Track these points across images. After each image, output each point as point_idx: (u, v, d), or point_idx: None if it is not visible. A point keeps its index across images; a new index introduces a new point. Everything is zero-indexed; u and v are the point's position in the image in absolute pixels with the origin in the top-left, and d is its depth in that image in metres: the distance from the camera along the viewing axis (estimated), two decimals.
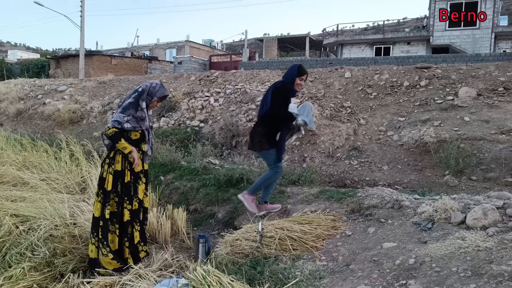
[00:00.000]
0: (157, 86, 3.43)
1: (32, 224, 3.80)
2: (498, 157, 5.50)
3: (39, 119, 11.90)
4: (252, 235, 3.34)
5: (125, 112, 3.32)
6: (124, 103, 3.40)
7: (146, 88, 3.41)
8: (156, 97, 3.42)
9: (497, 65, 8.37)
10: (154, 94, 3.40)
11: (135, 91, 3.45)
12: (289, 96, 3.96)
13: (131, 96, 3.41)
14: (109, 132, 3.26)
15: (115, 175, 3.33)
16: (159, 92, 3.42)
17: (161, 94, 3.43)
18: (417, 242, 2.68)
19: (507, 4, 54.32)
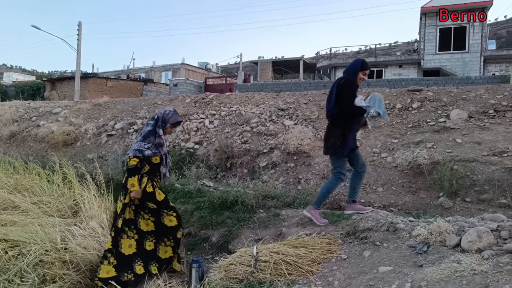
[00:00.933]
0: (170, 113, 3.72)
1: (22, 249, 3.71)
2: (491, 178, 5.53)
3: (32, 141, 11.83)
4: (246, 260, 3.29)
5: (145, 140, 3.60)
6: (143, 131, 3.67)
7: (160, 116, 3.70)
8: (170, 123, 3.70)
9: (487, 88, 8.55)
10: (167, 121, 3.68)
11: (152, 119, 3.74)
12: (355, 90, 3.93)
13: (149, 124, 3.70)
14: (130, 163, 3.51)
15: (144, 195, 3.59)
16: (172, 118, 3.70)
17: (174, 120, 3.72)
18: (413, 266, 2.66)
19: (494, 29, 56.08)
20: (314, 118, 8.83)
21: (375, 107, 3.84)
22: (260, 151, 7.78)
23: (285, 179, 6.92)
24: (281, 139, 7.68)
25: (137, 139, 3.67)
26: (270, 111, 9.48)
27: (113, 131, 10.72)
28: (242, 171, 7.57)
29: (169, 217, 3.72)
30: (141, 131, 3.74)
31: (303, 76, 32.15)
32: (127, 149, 9.30)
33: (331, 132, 4.01)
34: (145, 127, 3.73)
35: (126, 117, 11.54)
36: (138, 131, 10.28)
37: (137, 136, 3.75)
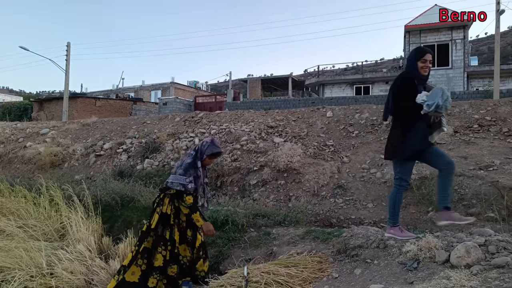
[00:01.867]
0: (206, 144, 3.63)
1: (6, 276, 3.62)
2: (478, 192, 5.61)
3: (19, 163, 11.63)
4: (237, 281, 3.24)
5: (186, 173, 3.54)
6: (183, 164, 3.61)
7: (199, 148, 3.66)
8: (206, 155, 3.61)
9: (471, 103, 8.76)
10: (204, 152, 3.61)
11: (193, 150, 3.71)
12: (412, 87, 3.35)
13: (189, 156, 3.65)
14: (188, 203, 3.49)
15: (161, 216, 3.57)
16: (208, 150, 3.61)
17: (210, 152, 3.62)
18: (404, 283, 2.66)
19: (476, 46, 57.81)
20: (304, 135, 8.90)
21: (430, 100, 3.16)
22: (250, 168, 7.78)
23: (275, 196, 6.91)
24: (271, 156, 7.71)
25: (178, 170, 3.59)
26: (260, 128, 9.53)
27: (102, 151, 10.62)
28: (233, 189, 7.54)
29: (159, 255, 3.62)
30: (182, 162, 3.68)
31: (292, 93, 32.49)
32: (116, 169, 9.21)
33: (391, 134, 3.61)
34: (186, 158, 3.68)
35: (115, 136, 11.47)
36: (127, 151, 10.21)
37: (178, 167, 3.66)
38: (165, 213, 3.58)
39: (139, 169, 9.11)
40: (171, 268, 3.56)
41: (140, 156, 9.75)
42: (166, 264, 3.54)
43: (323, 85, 25.20)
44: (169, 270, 3.55)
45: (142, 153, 9.80)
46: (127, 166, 9.40)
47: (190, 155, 3.66)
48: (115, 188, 6.98)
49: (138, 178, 8.19)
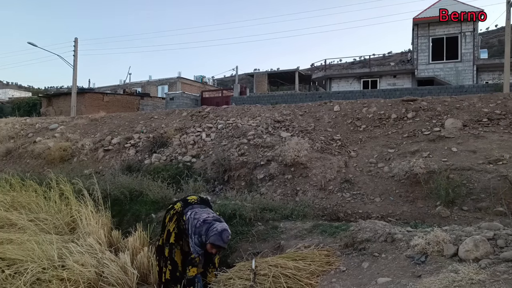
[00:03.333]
0: (214, 231, 3.42)
1: (19, 268, 3.69)
2: (487, 186, 5.56)
3: (29, 157, 11.79)
4: (245, 274, 3.28)
5: (202, 247, 3.52)
6: (200, 239, 3.49)
7: (207, 229, 3.46)
8: (208, 242, 3.42)
9: (480, 96, 8.66)
10: (208, 237, 3.42)
11: (204, 228, 3.52)
12: None
13: (200, 234, 3.51)
14: (190, 275, 3.48)
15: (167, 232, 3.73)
16: (212, 238, 3.39)
17: (212, 242, 3.40)
18: (412, 276, 2.66)
19: (486, 38, 56.94)
20: (311, 130, 8.89)
21: None
22: (257, 163, 7.79)
23: (282, 191, 6.93)
24: (278, 151, 7.71)
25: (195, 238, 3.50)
26: (267, 123, 9.53)
27: (110, 146, 10.72)
28: (240, 183, 7.57)
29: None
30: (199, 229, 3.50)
31: (298, 87, 32.38)
32: (124, 163, 9.30)
33: None
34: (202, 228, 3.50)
35: (123, 131, 11.55)
36: (135, 146, 10.29)
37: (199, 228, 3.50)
38: (169, 230, 3.69)
39: (147, 163, 9.18)
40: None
41: (148, 150, 9.82)
42: (167, 282, 3.65)
43: (330, 79, 25.05)
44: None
45: (149, 148, 9.87)
46: (135, 160, 9.48)
47: (202, 233, 3.46)
48: (123, 182, 7.06)
49: (146, 173, 8.26)
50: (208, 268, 3.73)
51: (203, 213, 3.63)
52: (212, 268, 3.73)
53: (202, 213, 3.62)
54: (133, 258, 4.15)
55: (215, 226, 3.43)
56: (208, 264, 3.73)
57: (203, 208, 3.76)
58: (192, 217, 3.56)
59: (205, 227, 3.45)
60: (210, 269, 3.72)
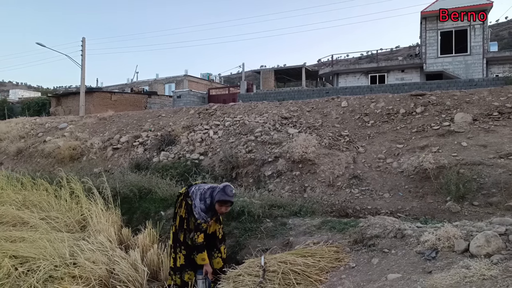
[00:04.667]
0: (217, 189, 3.57)
1: (31, 265, 3.75)
2: (498, 181, 5.49)
3: (39, 157, 11.94)
4: (254, 270, 3.29)
5: (207, 212, 3.59)
6: (206, 203, 3.59)
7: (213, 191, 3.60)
8: (215, 201, 3.53)
9: (490, 90, 8.54)
10: (214, 198, 3.54)
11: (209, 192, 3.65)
12: None
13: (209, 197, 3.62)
14: (199, 241, 3.52)
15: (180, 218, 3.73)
16: (217, 195, 3.53)
17: (218, 198, 3.52)
18: (422, 272, 2.65)
19: (496, 31, 56.06)
20: (318, 126, 8.85)
21: None
22: (265, 160, 7.79)
23: (290, 187, 6.92)
24: (286, 147, 7.70)
25: (200, 205, 3.59)
26: (274, 120, 9.51)
27: (119, 145, 10.80)
28: (248, 180, 7.58)
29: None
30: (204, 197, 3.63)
31: (305, 83, 32.24)
32: (132, 162, 9.37)
33: None
34: (207, 195, 3.63)
35: (131, 130, 11.63)
36: (143, 144, 10.35)
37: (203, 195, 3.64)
38: (181, 216, 3.68)
39: (155, 161, 9.24)
40: (187, 274, 3.64)
41: (156, 148, 9.88)
42: (183, 267, 3.63)
43: (337, 75, 24.89)
44: (185, 276, 3.63)
45: (158, 146, 9.92)
46: (144, 158, 9.54)
47: (207, 196, 3.60)
48: (132, 180, 7.12)
49: (154, 171, 8.31)
50: (212, 253, 3.74)
51: (207, 185, 3.80)
52: (217, 253, 3.75)
53: (205, 185, 3.79)
54: (143, 256, 4.19)
55: (218, 186, 3.62)
56: (213, 249, 3.74)
57: (206, 184, 3.90)
58: (196, 189, 3.70)
59: (209, 191, 3.63)
60: (214, 254, 3.74)
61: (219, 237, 3.77)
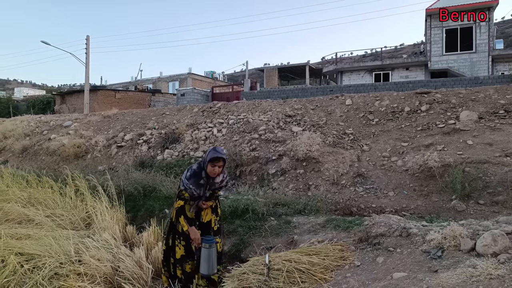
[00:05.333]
0: (208, 151, 3.54)
1: (37, 263, 3.76)
2: (504, 180, 5.45)
3: (44, 154, 12.01)
4: (259, 268, 3.28)
5: (190, 179, 3.51)
6: (191, 168, 3.58)
7: (204, 156, 3.56)
8: (207, 162, 3.46)
9: (496, 88, 8.47)
10: (206, 160, 3.49)
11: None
12: None
13: (196, 163, 3.65)
14: (175, 206, 3.53)
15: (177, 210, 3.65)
16: (208, 155, 3.47)
17: (209, 157, 3.45)
18: (428, 271, 2.63)
19: (501, 28, 55.59)
20: (322, 124, 8.83)
21: None
22: (269, 158, 7.78)
23: (295, 185, 6.91)
24: (290, 145, 7.69)
25: (186, 173, 3.58)
26: (278, 118, 9.50)
27: (123, 143, 10.83)
28: (252, 178, 7.58)
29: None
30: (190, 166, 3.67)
31: (309, 81, 32.16)
32: (136, 159, 9.40)
33: None
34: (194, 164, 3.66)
35: (135, 128, 11.66)
36: (147, 142, 10.38)
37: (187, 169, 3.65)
38: (177, 207, 3.63)
39: (160, 159, 9.26)
40: (188, 264, 3.62)
41: (160, 146, 9.90)
42: (183, 258, 3.62)
43: (341, 73, 24.80)
44: (186, 266, 3.61)
45: (162, 144, 9.94)
46: (148, 156, 9.57)
47: (193, 166, 3.61)
48: (137, 178, 7.14)
49: (158, 168, 8.33)
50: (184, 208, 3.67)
51: None
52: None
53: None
54: (148, 253, 4.20)
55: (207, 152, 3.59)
56: (208, 231, 3.68)
57: None
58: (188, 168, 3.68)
59: (198, 161, 3.65)
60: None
61: (214, 228, 3.74)
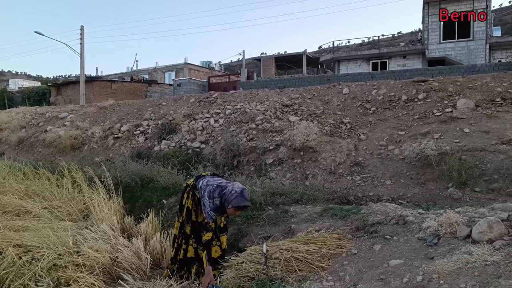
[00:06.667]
0: (235, 194, 3.24)
1: (35, 254, 3.77)
2: (500, 167, 5.48)
3: (40, 146, 11.95)
4: (257, 257, 3.31)
5: (216, 212, 3.36)
6: (215, 203, 3.34)
7: (226, 195, 3.29)
8: (231, 206, 3.24)
9: (493, 76, 8.46)
10: (229, 202, 3.24)
11: (218, 192, 3.38)
12: None
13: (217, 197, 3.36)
14: (205, 238, 3.31)
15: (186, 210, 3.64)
16: (235, 201, 3.21)
17: (236, 204, 3.22)
18: (424, 258, 2.65)
19: (499, 15, 55.32)
20: (319, 113, 8.81)
21: None
22: (266, 148, 7.78)
23: (292, 175, 6.92)
24: (287, 135, 7.68)
25: (210, 204, 3.33)
26: (275, 107, 9.47)
27: (120, 134, 10.79)
28: (249, 168, 7.58)
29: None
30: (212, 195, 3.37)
31: (306, 71, 32.02)
32: (133, 150, 9.37)
33: None
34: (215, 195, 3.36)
35: (132, 119, 11.61)
36: (144, 133, 10.34)
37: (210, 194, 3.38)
38: (188, 207, 3.61)
39: (157, 150, 9.24)
40: (196, 266, 3.63)
41: (157, 137, 9.87)
42: (192, 259, 3.63)
43: (339, 62, 24.69)
44: (194, 268, 3.62)
45: (158, 135, 9.91)
46: (145, 147, 9.54)
47: (216, 196, 3.33)
48: (134, 169, 7.13)
49: (156, 159, 8.32)
50: (212, 242, 3.63)
51: (215, 180, 3.58)
52: (216, 241, 3.64)
53: (214, 180, 3.57)
54: (146, 244, 4.21)
55: (232, 188, 3.31)
56: (213, 238, 3.62)
57: (215, 177, 3.72)
58: (204, 185, 3.50)
59: (218, 190, 3.37)
60: (213, 242, 3.63)
61: (220, 226, 3.76)
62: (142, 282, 3.52)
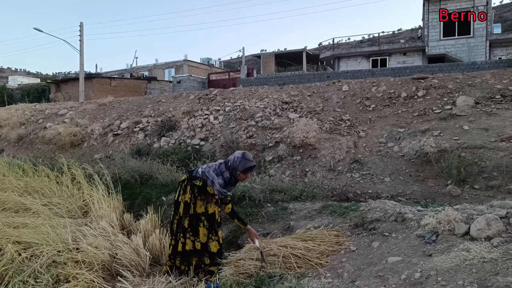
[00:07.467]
0: (238, 160, 3.51)
1: (34, 251, 3.78)
2: (499, 165, 5.49)
3: (40, 143, 11.94)
4: (255, 254, 3.31)
5: (227, 187, 3.57)
6: (224, 177, 3.54)
7: (231, 163, 3.54)
8: (239, 171, 3.49)
9: (493, 73, 8.45)
10: (237, 168, 3.50)
11: (224, 165, 3.61)
12: None
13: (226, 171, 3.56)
14: (227, 211, 3.66)
15: (184, 204, 3.64)
16: (240, 165, 3.48)
17: (243, 168, 3.48)
18: (422, 255, 2.66)
19: (499, 12, 55.17)
20: (319, 110, 8.80)
21: None
22: (266, 145, 7.78)
23: (291, 172, 6.93)
24: (286, 132, 7.67)
25: (218, 180, 3.52)
26: (275, 104, 9.46)
27: (119, 131, 10.78)
28: None
29: None
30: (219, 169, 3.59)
31: (306, 68, 31.99)
32: (133, 147, 9.37)
33: None
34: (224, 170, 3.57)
35: (132, 116, 11.59)
36: (144, 130, 10.33)
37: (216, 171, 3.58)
38: (186, 201, 3.62)
39: (156, 147, 9.24)
40: (195, 258, 3.63)
41: (157, 134, 9.86)
42: (191, 252, 3.63)
43: (339, 59, 24.65)
44: (193, 260, 3.63)
45: (158, 132, 9.90)
46: (144, 144, 9.54)
47: (224, 170, 3.55)
48: (133, 166, 7.13)
49: (155, 156, 8.32)
50: (210, 236, 3.65)
51: (213, 163, 3.77)
52: (214, 235, 3.67)
53: (212, 163, 3.75)
54: (145, 240, 4.22)
55: (234, 156, 3.56)
56: (211, 231, 3.66)
57: (210, 163, 3.88)
58: (206, 168, 3.65)
59: (223, 165, 3.60)
60: (212, 236, 3.66)
61: (217, 220, 3.77)
62: (141, 279, 3.54)
